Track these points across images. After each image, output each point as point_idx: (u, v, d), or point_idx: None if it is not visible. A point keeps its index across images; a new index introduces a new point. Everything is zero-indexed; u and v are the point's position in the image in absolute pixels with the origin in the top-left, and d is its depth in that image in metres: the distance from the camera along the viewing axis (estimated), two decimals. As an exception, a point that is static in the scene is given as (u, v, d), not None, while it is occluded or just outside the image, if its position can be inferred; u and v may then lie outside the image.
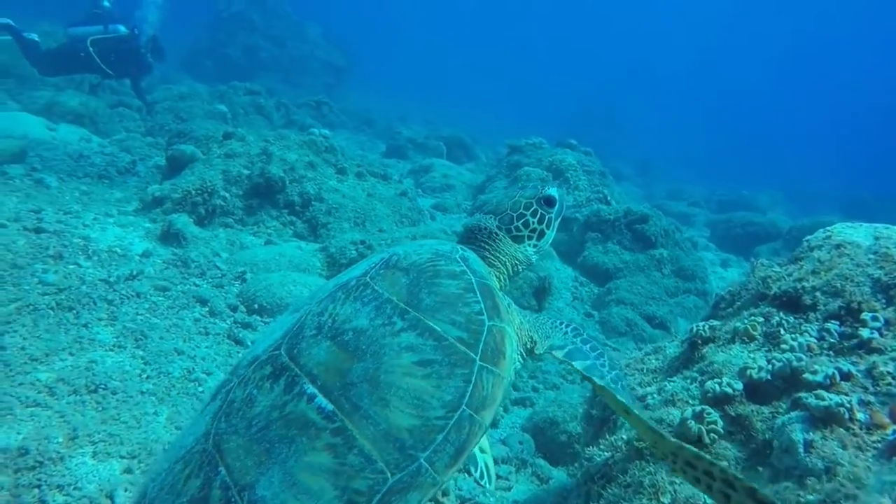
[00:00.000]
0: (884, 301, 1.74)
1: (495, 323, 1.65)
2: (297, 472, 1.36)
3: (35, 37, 11.56)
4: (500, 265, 2.12)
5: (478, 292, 1.71)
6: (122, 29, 11.90)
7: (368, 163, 8.96)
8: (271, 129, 12.30)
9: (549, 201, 2.15)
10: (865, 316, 1.72)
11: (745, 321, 2.00)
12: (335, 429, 1.40)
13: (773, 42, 71.86)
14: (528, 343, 1.85)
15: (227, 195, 6.04)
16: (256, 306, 4.08)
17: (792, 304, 1.96)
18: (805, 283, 1.94)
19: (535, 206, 2.15)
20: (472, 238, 2.16)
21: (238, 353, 3.46)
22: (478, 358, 1.56)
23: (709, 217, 15.30)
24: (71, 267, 4.19)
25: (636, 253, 7.15)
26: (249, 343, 3.73)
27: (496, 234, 2.14)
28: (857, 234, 2.14)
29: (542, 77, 57.59)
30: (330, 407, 1.43)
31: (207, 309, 3.93)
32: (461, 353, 1.55)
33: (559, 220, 2.21)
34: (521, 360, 1.82)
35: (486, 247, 2.13)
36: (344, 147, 13.56)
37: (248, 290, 4.25)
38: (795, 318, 1.91)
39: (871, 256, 1.85)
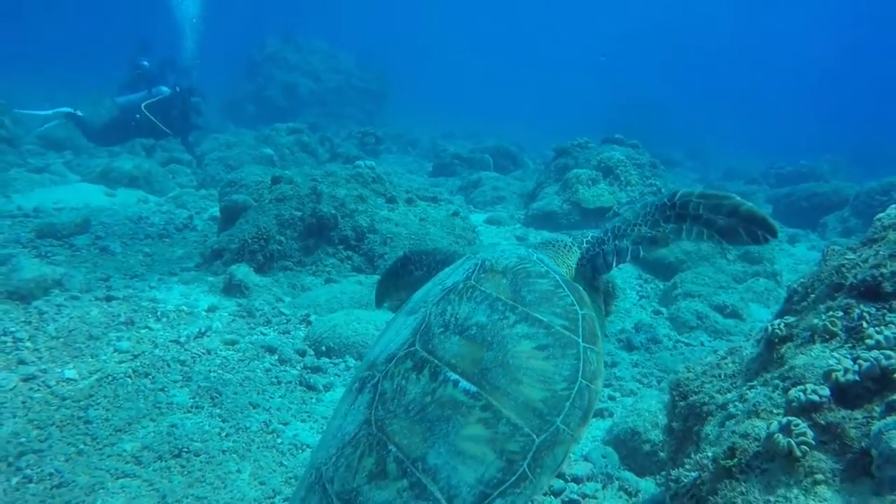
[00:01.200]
0: None
1: (586, 311, 1.91)
2: (460, 443, 1.62)
3: (80, 113, 12.10)
4: (566, 267, 2.39)
5: (565, 288, 1.97)
6: (165, 90, 12.39)
7: (417, 187, 8.94)
8: (318, 165, 12.51)
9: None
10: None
11: (824, 317, 1.82)
12: (483, 405, 1.66)
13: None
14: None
15: (282, 239, 6.09)
16: (324, 348, 4.05)
17: (872, 293, 1.77)
18: (884, 270, 1.76)
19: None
20: (547, 244, 2.44)
21: (312, 398, 3.42)
22: (581, 340, 1.83)
23: (769, 193, 14.66)
24: (143, 331, 4.27)
25: (698, 241, 6.86)
26: (333, 375, 3.70)
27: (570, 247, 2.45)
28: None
29: (576, 79, 56.94)
30: (474, 389, 1.69)
31: (277, 357, 3.92)
32: (567, 337, 1.82)
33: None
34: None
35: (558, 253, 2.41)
36: (391, 172, 13.65)
37: (314, 332, 4.23)
38: (877, 308, 1.72)
39: None
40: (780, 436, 1.50)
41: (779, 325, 2.00)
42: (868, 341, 1.62)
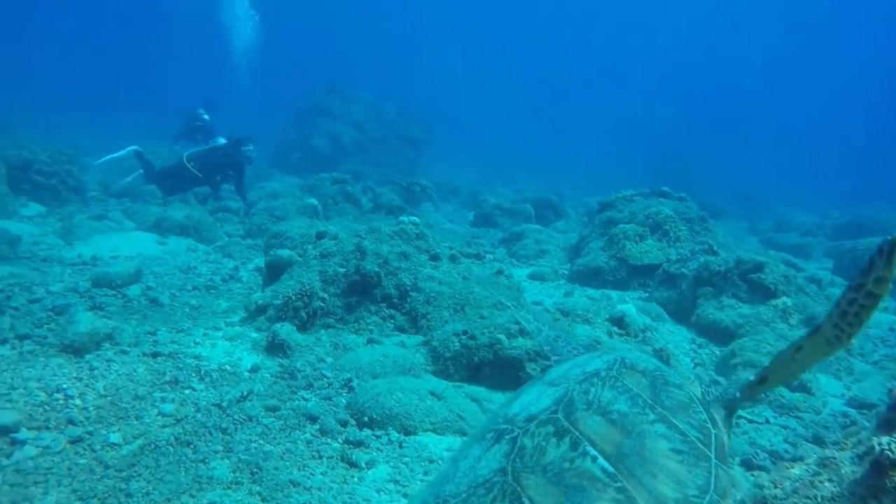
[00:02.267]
0: None
1: (718, 431, 1.99)
2: None
3: (144, 153, 12.73)
4: None
5: (699, 405, 2.06)
6: (222, 140, 12.88)
7: (460, 242, 8.93)
8: (361, 216, 12.67)
9: None
10: None
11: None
12: (618, 487, 1.72)
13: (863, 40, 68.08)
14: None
15: (325, 296, 6.10)
16: (366, 419, 3.97)
17: None
18: None
19: None
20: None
21: (353, 477, 3.33)
22: (713, 456, 1.88)
23: (827, 245, 14.15)
24: (186, 392, 4.28)
25: (756, 305, 6.60)
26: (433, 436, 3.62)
27: None
28: None
29: (616, 123, 56.95)
30: (611, 469, 1.76)
31: (318, 427, 3.86)
32: (701, 450, 1.88)
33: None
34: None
35: None
36: (433, 222, 13.74)
37: (356, 400, 4.17)
38: None
39: None
40: None
41: (889, 445, 1.83)
42: None
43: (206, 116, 16.12)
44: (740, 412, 5.13)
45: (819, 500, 2.01)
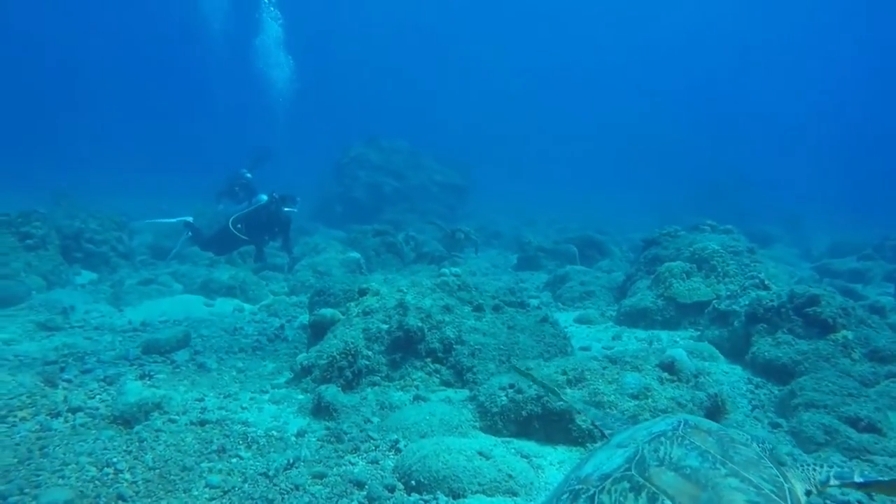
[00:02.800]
0: None
1: (791, 485, 2.02)
2: None
3: (190, 219, 13.17)
4: None
5: (768, 460, 2.10)
6: (264, 197, 13.22)
7: (504, 286, 8.83)
8: (403, 266, 12.72)
9: None
10: None
11: None
12: None
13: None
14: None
15: (370, 353, 6.07)
16: (413, 482, 3.86)
17: None
18: None
19: None
20: None
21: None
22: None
23: (887, 269, 13.52)
24: (233, 461, 4.25)
25: (814, 340, 6.28)
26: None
27: None
28: None
29: (659, 150, 56.49)
30: None
31: (366, 494, 3.77)
32: (777, 501, 1.91)
33: None
34: None
35: None
36: (476, 269, 13.68)
37: (403, 463, 4.07)
38: None
39: None
40: None
41: None
42: None
43: (249, 175, 16.59)
44: (804, 458, 4.82)
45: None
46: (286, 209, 12.57)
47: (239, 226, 12.57)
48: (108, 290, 10.44)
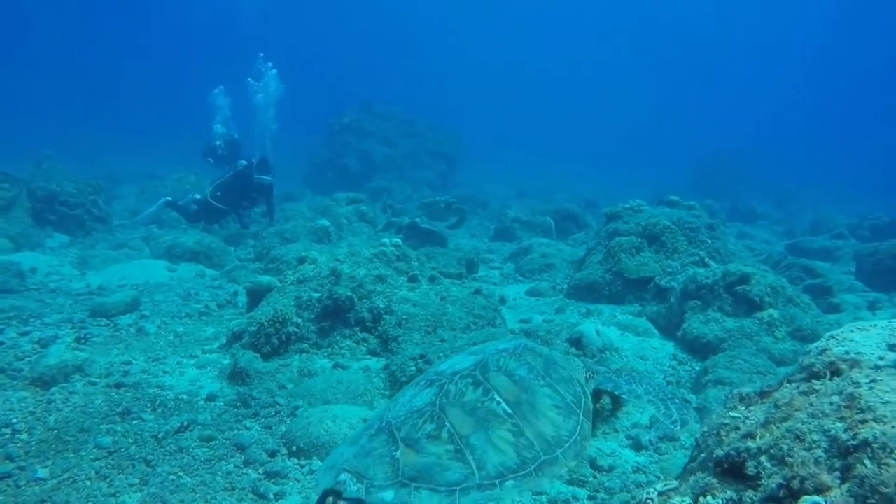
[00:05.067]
0: (839, 475, 1.24)
1: (587, 398, 2.76)
2: (493, 438, 2.37)
3: (173, 199, 13.17)
4: None
5: (576, 381, 2.81)
6: (243, 163, 13.17)
7: (454, 259, 8.91)
8: (375, 234, 12.76)
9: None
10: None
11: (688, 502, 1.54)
12: (513, 423, 2.44)
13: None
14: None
15: (300, 321, 6.17)
16: (295, 448, 4.00)
17: (735, 473, 1.49)
18: (751, 444, 1.47)
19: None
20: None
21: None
22: (581, 414, 2.63)
23: (857, 248, 13.44)
24: (134, 423, 4.40)
25: (740, 318, 6.33)
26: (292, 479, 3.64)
27: None
28: (867, 341, 1.62)
29: (662, 128, 55.81)
30: (510, 410, 2.47)
31: (244, 457, 3.91)
32: (573, 408, 2.63)
33: None
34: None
35: None
36: (453, 236, 13.67)
37: (291, 429, 4.20)
38: (737, 493, 1.44)
39: (836, 399, 1.36)
40: None
41: (652, 494, 1.73)
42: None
43: (236, 135, 16.13)
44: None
45: None
46: (258, 177, 12.58)
47: (219, 193, 12.61)
48: (76, 253, 10.57)
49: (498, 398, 2.49)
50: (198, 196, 12.98)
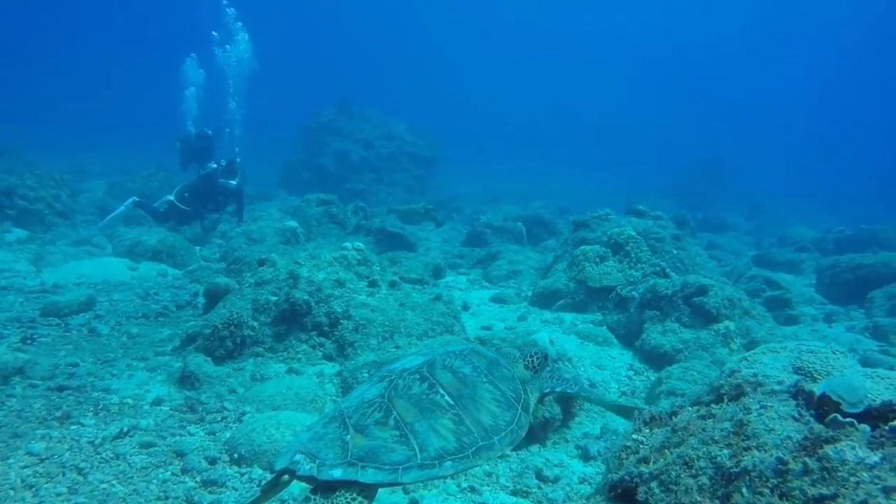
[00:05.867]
0: (719, 503, 1.21)
1: (527, 395, 3.03)
2: (436, 425, 2.62)
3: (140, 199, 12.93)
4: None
5: (517, 380, 3.08)
6: (213, 165, 12.99)
7: (420, 264, 8.84)
8: (344, 236, 12.65)
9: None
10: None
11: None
12: (454, 412, 2.70)
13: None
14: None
15: (255, 325, 6.08)
16: (237, 455, 3.91)
17: (629, 498, 1.46)
18: (644, 469, 1.45)
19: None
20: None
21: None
22: (520, 407, 2.90)
23: (820, 261, 13.67)
24: (73, 428, 4.27)
25: (697, 330, 6.37)
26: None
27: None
28: (774, 364, 1.61)
29: (644, 135, 56.31)
30: (452, 402, 2.73)
31: (182, 465, 3.81)
32: (512, 403, 2.89)
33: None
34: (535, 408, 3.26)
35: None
36: (425, 240, 13.58)
37: (234, 436, 4.11)
38: None
39: (727, 425, 1.34)
40: None
41: None
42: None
43: (210, 132, 15.80)
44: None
45: None
46: (223, 181, 12.42)
47: (185, 195, 12.44)
48: (34, 249, 10.31)
49: (442, 391, 2.75)
50: (170, 197, 12.77)
